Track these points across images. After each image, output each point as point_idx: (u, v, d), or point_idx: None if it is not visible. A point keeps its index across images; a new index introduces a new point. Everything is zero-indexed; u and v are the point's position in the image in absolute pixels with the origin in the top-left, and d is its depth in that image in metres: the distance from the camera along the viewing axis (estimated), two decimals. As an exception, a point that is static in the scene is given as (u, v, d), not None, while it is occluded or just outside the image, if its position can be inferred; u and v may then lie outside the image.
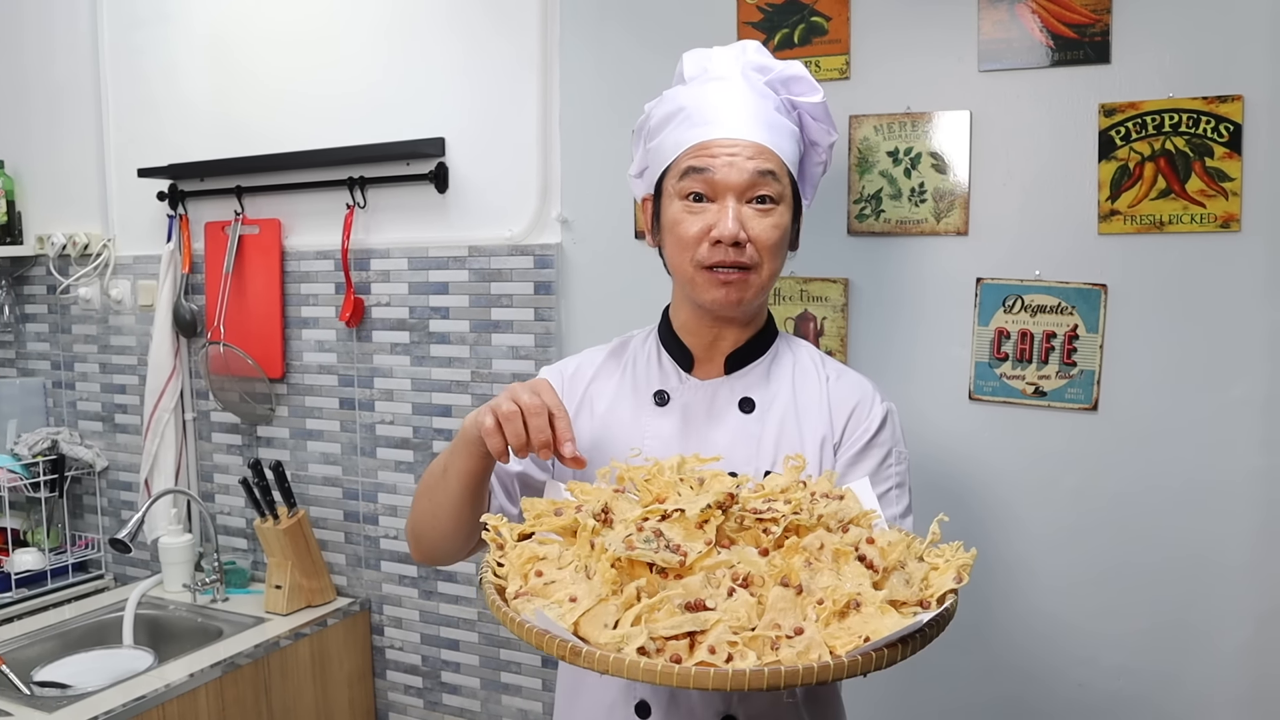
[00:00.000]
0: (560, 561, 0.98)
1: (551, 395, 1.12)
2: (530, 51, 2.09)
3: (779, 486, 1.08)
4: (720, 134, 1.21)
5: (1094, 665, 1.69)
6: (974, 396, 1.74)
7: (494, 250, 2.16)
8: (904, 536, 0.98)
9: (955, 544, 0.97)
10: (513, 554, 1.00)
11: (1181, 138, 1.57)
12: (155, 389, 2.54)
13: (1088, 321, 1.65)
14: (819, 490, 1.07)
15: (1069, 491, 1.69)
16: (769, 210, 1.21)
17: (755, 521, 1.01)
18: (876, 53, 1.77)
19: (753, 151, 1.20)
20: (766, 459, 1.24)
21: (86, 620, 2.39)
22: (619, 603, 0.88)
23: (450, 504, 1.22)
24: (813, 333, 1.84)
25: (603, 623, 0.87)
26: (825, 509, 1.01)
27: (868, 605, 0.88)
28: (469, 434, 1.16)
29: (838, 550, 0.95)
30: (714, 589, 0.92)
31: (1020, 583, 1.73)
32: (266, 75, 2.43)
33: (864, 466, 1.25)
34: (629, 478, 1.12)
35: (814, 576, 0.92)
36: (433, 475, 1.26)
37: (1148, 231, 1.60)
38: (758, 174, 1.19)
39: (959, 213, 1.72)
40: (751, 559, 0.95)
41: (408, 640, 2.36)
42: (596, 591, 0.90)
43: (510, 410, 1.10)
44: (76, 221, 2.75)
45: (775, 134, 1.23)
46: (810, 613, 0.89)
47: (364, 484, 2.38)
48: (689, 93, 1.27)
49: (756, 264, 1.21)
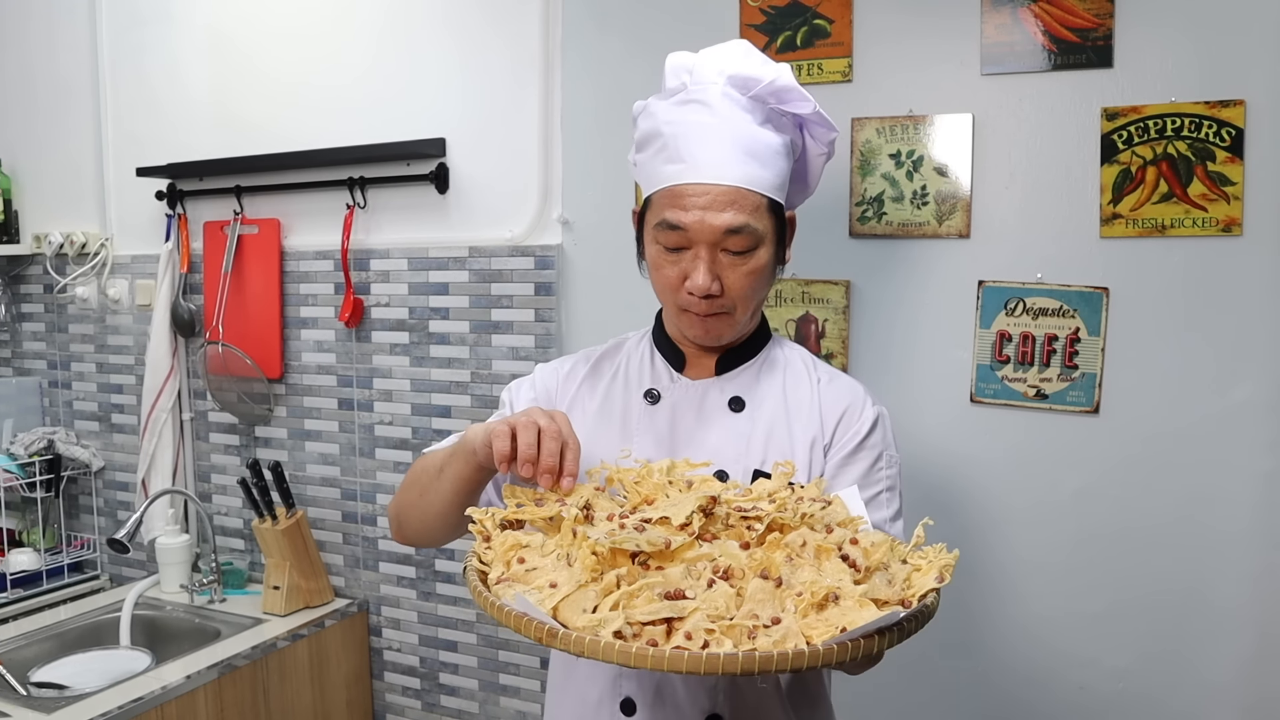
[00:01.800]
0: (543, 550, 0.99)
1: (568, 426, 1.12)
2: (532, 52, 2.08)
3: (766, 490, 1.08)
4: (693, 177, 1.18)
5: (1095, 668, 1.69)
6: (975, 399, 1.74)
7: (494, 251, 2.15)
8: (888, 539, 0.98)
9: (938, 545, 0.97)
10: (497, 541, 1.01)
11: (1184, 142, 1.57)
12: (153, 389, 2.53)
13: (1090, 324, 1.65)
14: (806, 495, 1.07)
15: (1070, 495, 1.69)
16: (744, 259, 1.20)
17: (740, 519, 1.02)
18: (879, 56, 1.77)
19: (725, 202, 1.17)
20: (755, 457, 1.25)
21: (83, 621, 2.38)
22: (598, 589, 0.89)
23: (440, 502, 1.23)
24: (814, 335, 1.84)
25: (581, 608, 0.87)
26: (810, 509, 1.02)
27: (846, 599, 0.88)
28: (473, 442, 1.15)
29: (820, 548, 0.96)
30: (694, 580, 0.92)
31: (1021, 586, 1.73)
32: (267, 75, 2.42)
33: (854, 470, 1.25)
34: (618, 479, 1.12)
35: (795, 571, 0.93)
36: (425, 472, 1.26)
37: (1150, 235, 1.60)
38: (729, 231, 1.17)
39: (961, 215, 1.72)
40: (733, 552, 0.96)
41: (406, 641, 2.35)
42: (576, 578, 0.90)
43: (528, 423, 1.09)
44: (74, 220, 2.74)
45: (755, 165, 1.20)
46: (789, 604, 0.89)
47: (362, 484, 2.38)
48: (667, 114, 1.24)
49: (733, 308, 1.22)
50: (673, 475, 1.12)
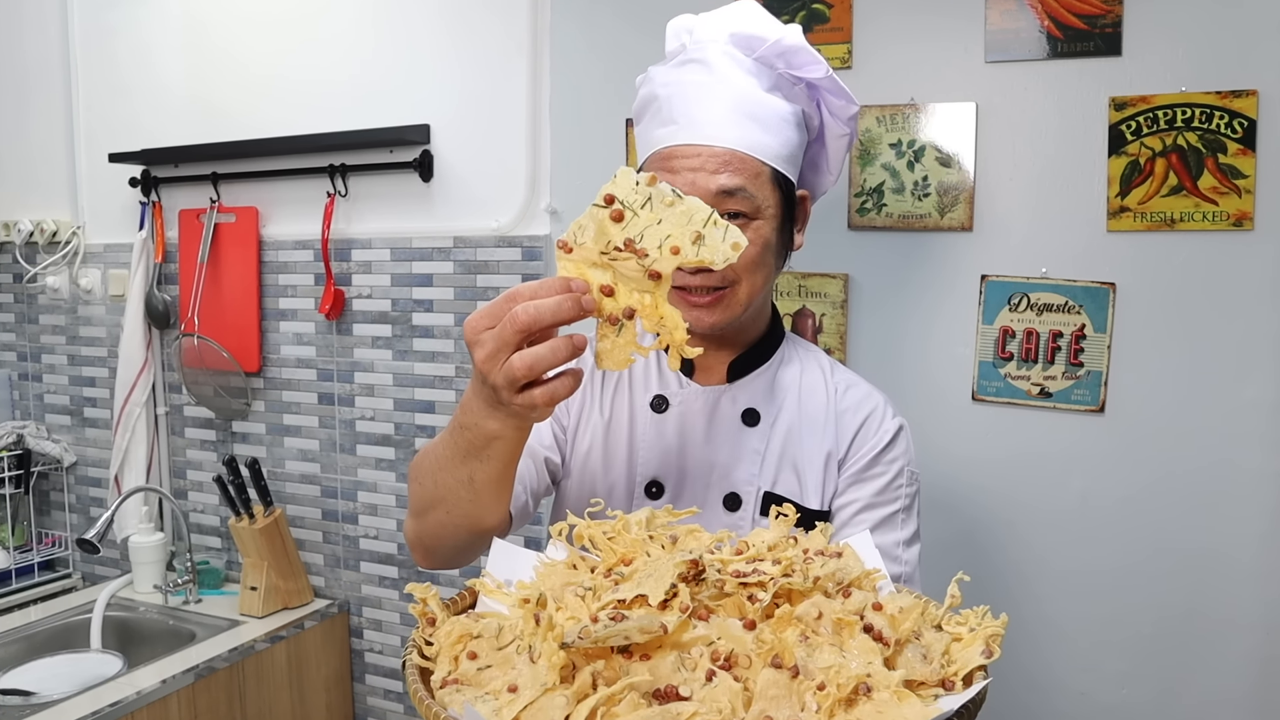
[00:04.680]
0: (499, 639, 0.80)
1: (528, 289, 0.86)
2: (519, 34, 2.01)
3: (766, 543, 0.90)
4: (685, 138, 1.09)
5: (1097, 673, 1.65)
6: (977, 397, 1.69)
7: (480, 241, 2.09)
8: (916, 601, 0.82)
9: (981, 609, 0.82)
10: (442, 630, 0.82)
11: (1194, 133, 1.52)
12: (126, 382, 2.45)
13: (1095, 321, 1.60)
14: (812, 547, 0.90)
15: (1074, 495, 1.64)
16: (743, 226, 1.08)
17: (738, 586, 0.82)
18: (879, 41, 1.71)
19: (719, 163, 1.07)
20: (769, 476, 1.17)
21: (52, 623, 2.30)
22: (569, 693, 0.70)
23: (479, 507, 1.01)
24: (811, 329, 1.79)
25: (550, 719, 0.69)
26: (822, 569, 0.83)
27: (880, 689, 0.71)
28: (466, 425, 0.94)
29: (840, 620, 0.78)
30: (689, 672, 0.74)
31: (1023, 590, 1.69)
32: (244, 57, 2.34)
33: (869, 486, 1.17)
34: (588, 536, 0.94)
35: (812, 654, 0.75)
36: (445, 487, 1.01)
37: (1158, 229, 1.56)
38: (721, 193, 1.07)
39: (964, 208, 1.67)
40: (735, 633, 0.78)
41: (388, 643, 2.29)
42: (541, 679, 0.71)
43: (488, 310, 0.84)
44: (44, 208, 2.65)
45: (756, 129, 1.10)
46: (810, 700, 0.71)
47: (343, 482, 2.31)
48: (664, 76, 1.15)
49: (733, 281, 1.10)
50: (653, 528, 0.95)
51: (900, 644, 0.77)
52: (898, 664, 0.76)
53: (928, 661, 0.77)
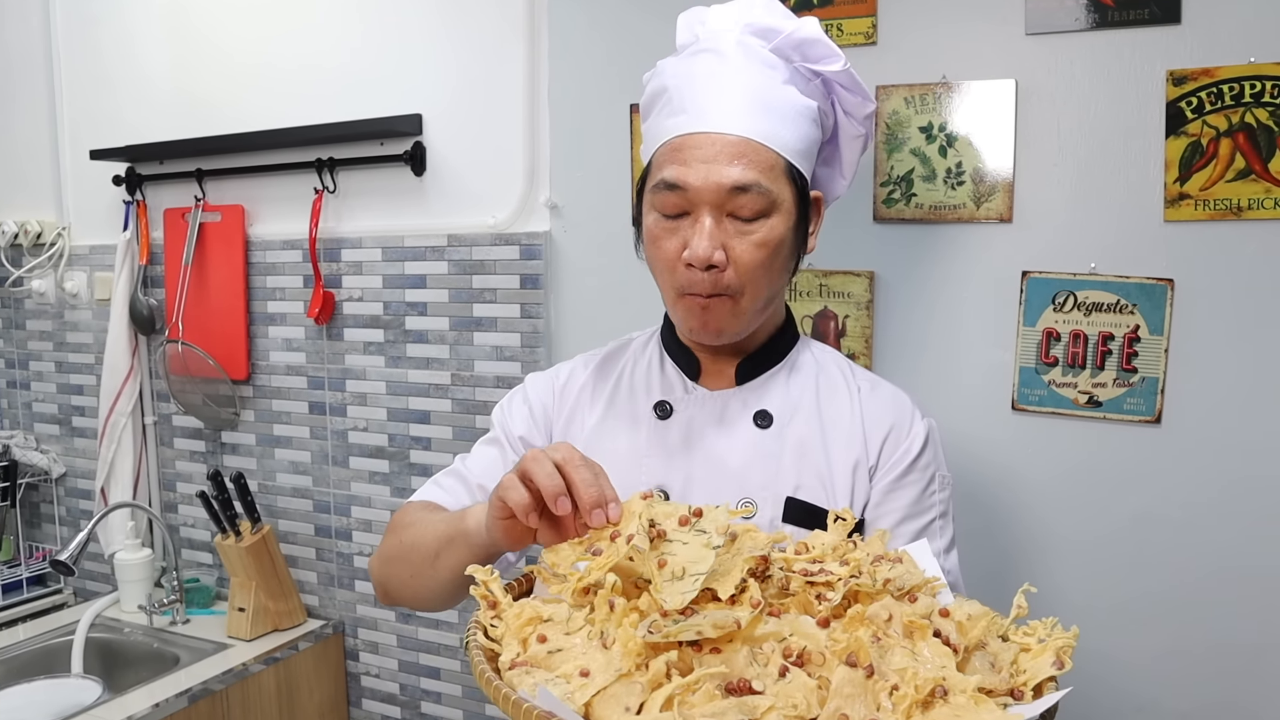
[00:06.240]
0: (569, 625, 0.81)
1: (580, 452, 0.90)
2: (516, 18, 1.88)
3: (828, 544, 0.90)
4: (698, 127, 1.05)
5: (1155, 712, 1.50)
6: (1018, 406, 1.54)
7: (476, 239, 1.95)
8: (986, 610, 0.82)
9: (1050, 620, 0.81)
10: (510, 612, 0.83)
11: (1265, 110, 1.37)
12: (111, 391, 2.34)
13: (1151, 322, 1.45)
14: (872, 552, 0.89)
15: (1127, 516, 1.49)
16: (754, 227, 1.04)
17: (805, 585, 0.83)
18: (908, 14, 1.57)
19: (733, 154, 1.03)
20: (788, 483, 1.10)
21: (34, 645, 2.20)
22: (644, 680, 0.71)
23: (437, 587, 1.06)
24: (833, 333, 1.64)
25: (624, 705, 0.70)
26: (890, 572, 0.84)
27: (956, 694, 0.71)
28: (472, 528, 0.98)
29: (911, 623, 0.78)
30: (761, 667, 0.75)
31: (1071, 618, 1.52)
32: (229, 45, 2.22)
33: (904, 495, 1.12)
34: None
35: (884, 655, 0.75)
36: (417, 550, 1.06)
37: (1222, 218, 1.40)
38: (734, 188, 1.02)
39: (1002, 197, 1.52)
40: (808, 630, 0.78)
41: (385, 667, 2.17)
42: (615, 665, 0.72)
43: (538, 457, 0.87)
44: (29, 208, 2.55)
45: (772, 119, 1.06)
46: (885, 701, 0.72)
47: (336, 496, 2.18)
48: (675, 68, 1.12)
49: (739, 290, 1.05)
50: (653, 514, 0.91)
51: (969, 651, 0.78)
52: (968, 670, 0.76)
53: (995, 670, 0.77)
